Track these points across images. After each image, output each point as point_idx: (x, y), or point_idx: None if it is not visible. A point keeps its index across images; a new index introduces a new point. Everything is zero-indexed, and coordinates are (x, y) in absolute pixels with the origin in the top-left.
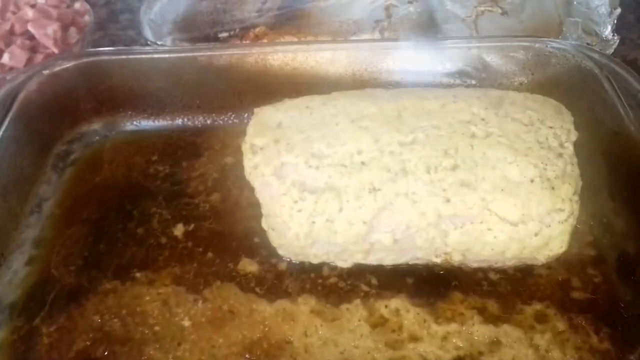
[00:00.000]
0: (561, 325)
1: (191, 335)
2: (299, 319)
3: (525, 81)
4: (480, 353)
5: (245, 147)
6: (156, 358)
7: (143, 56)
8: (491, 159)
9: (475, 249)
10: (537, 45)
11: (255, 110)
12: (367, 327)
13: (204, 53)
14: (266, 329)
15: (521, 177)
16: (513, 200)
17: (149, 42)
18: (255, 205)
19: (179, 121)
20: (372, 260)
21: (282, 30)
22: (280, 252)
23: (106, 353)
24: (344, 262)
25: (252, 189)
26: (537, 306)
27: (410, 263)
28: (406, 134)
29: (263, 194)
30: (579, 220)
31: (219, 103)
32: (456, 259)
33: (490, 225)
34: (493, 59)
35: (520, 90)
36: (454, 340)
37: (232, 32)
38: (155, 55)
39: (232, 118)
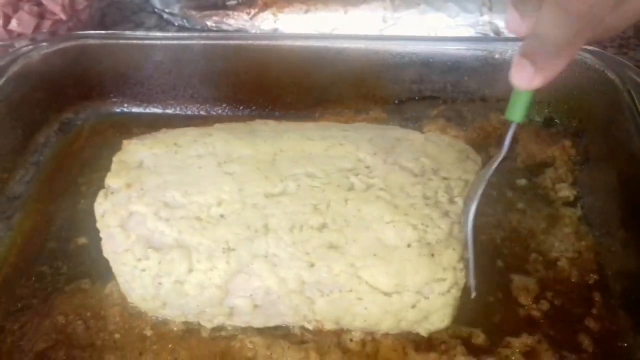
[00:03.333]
0: None
1: (153, 345)
2: (265, 339)
3: (540, 88)
4: None
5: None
6: None
7: (134, 42)
8: (365, 218)
9: (346, 318)
10: None
11: (124, 142)
12: (338, 353)
13: (198, 42)
14: (231, 344)
15: (397, 240)
16: (386, 268)
17: (155, 10)
18: None
19: (170, 110)
20: (238, 322)
21: None
22: (141, 309)
23: (64, 358)
24: (209, 323)
25: None
26: (528, 340)
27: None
28: (275, 183)
29: (107, 248)
30: (584, 247)
31: (212, 94)
32: (329, 327)
33: (360, 294)
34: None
35: (534, 96)
36: None
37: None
38: (147, 42)
39: (225, 110)
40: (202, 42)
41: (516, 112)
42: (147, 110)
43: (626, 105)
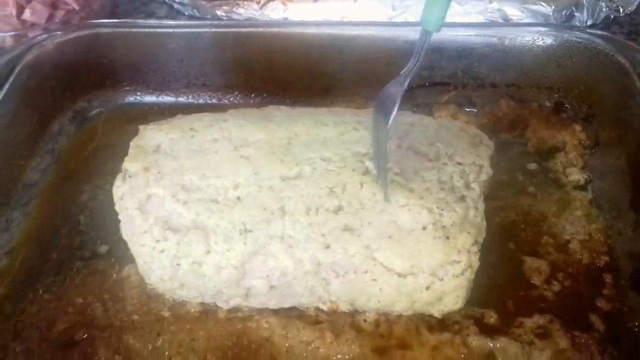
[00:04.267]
0: (563, 343)
1: (170, 326)
2: (280, 319)
3: (550, 73)
4: None
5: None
6: (134, 347)
7: (146, 30)
8: (380, 201)
9: (361, 299)
10: (564, 34)
11: (140, 128)
12: (353, 332)
13: (209, 29)
14: (247, 324)
15: (412, 223)
16: (400, 250)
17: (166, 0)
18: None
19: (182, 98)
20: (254, 303)
21: None
22: (159, 291)
23: (84, 338)
24: (225, 304)
25: None
26: (540, 320)
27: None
28: (291, 166)
29: (125, 230)
30: (594, 230)
31: (224, 82)
32: (344, 308)
33: (375, 275)
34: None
35: (544, 82)
36: (446, 351)
37: None
38: (159, 30)
39: (237, 98)
40: (214, 30)
41: (432, 20)
42: (160, 99)
43: (636, 90)
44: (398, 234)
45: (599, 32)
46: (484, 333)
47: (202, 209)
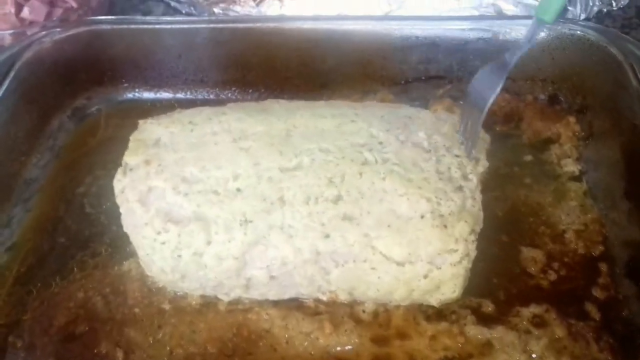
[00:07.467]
0: (560, 331)
1: (171, 318)
2: (280, 311)
3: (544, 65)
4: (470, 355)
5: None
6: (136, 340)
7: (144, 26)
8: (379, 191)
9: (360, 288)
10: (558, 27)
11: (140, 122)
12: (351, 323)
13: (207, 25)
14: (247, 316)
15: (411, 212)
16: (399, 238)
17: None
18: None
19: (181, 94)
20: (254, 294)
21: None
22: (160, 284)
23: (86, 331)
24: (225, 296)
25: None
26: (536, 309)
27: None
28: (290, 157)
29: (127, 222)
30: (590, 220)
31: (222, 77)
32: (343, 297)
33: (374, 264)
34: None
35: (539, 75)
36: (444, 340)
37: None
38: (157, 26)
39: (235, 93)
40: (212, 25)
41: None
42: (158, 95)
43: (629, 81)
44: (397, 222)
45: (591, 24)
46: (481, 322)
47: (203, 200)
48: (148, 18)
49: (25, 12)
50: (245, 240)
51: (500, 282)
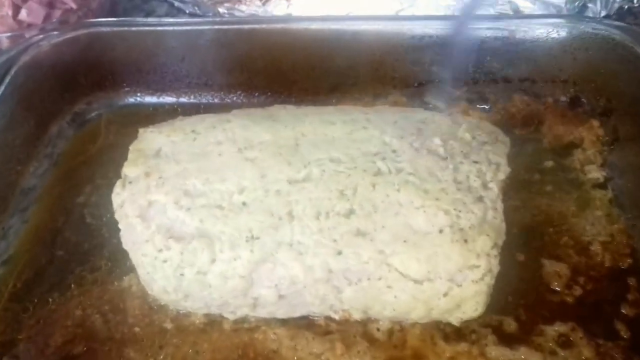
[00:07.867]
0: (587, 352)
1: (173, 338)
2: (289, 330)
3: (566, 66)
4: None
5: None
6: None
7: (146, 28)
8: (394, 203)
9: (375, 308)
10: (580, 26)
11: (140, 131)
12: (364, 344)
13: (211, 27)
14: (254, 336)
15: (428, 226)
16: (416, 254)
17: None
18: None
19: (184, 98)
20: (262, 313)
21: None
22: (162, 302)
23: (84, 351)
24: (231, 315)
25: None
26: (561, 328)
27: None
28: (298, 168)
29: (126, 238)
30: (616, 230)
31: (227, 81)
32: (357, 317)
33: (390, 282)
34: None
35: (560, 75)
36: None
37: None
38: (159, 28)
39: (240, 97)
40: (216, 27)
41: None
42: (161, 100)
43: None
44: (413, 237)
45: (616, 22)
46: (502, 342)
47: (206, 215)
48: (150, 19)
49: (23, 14)
50: (251, 259)
51: (522, 298)
